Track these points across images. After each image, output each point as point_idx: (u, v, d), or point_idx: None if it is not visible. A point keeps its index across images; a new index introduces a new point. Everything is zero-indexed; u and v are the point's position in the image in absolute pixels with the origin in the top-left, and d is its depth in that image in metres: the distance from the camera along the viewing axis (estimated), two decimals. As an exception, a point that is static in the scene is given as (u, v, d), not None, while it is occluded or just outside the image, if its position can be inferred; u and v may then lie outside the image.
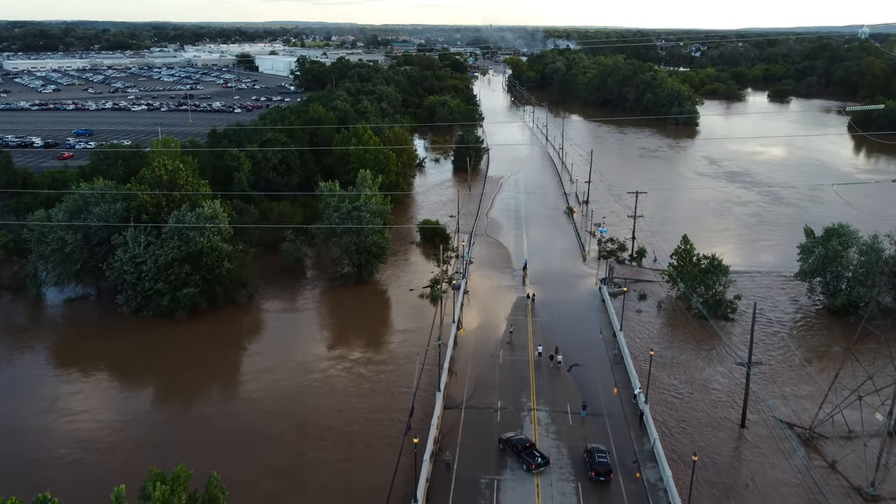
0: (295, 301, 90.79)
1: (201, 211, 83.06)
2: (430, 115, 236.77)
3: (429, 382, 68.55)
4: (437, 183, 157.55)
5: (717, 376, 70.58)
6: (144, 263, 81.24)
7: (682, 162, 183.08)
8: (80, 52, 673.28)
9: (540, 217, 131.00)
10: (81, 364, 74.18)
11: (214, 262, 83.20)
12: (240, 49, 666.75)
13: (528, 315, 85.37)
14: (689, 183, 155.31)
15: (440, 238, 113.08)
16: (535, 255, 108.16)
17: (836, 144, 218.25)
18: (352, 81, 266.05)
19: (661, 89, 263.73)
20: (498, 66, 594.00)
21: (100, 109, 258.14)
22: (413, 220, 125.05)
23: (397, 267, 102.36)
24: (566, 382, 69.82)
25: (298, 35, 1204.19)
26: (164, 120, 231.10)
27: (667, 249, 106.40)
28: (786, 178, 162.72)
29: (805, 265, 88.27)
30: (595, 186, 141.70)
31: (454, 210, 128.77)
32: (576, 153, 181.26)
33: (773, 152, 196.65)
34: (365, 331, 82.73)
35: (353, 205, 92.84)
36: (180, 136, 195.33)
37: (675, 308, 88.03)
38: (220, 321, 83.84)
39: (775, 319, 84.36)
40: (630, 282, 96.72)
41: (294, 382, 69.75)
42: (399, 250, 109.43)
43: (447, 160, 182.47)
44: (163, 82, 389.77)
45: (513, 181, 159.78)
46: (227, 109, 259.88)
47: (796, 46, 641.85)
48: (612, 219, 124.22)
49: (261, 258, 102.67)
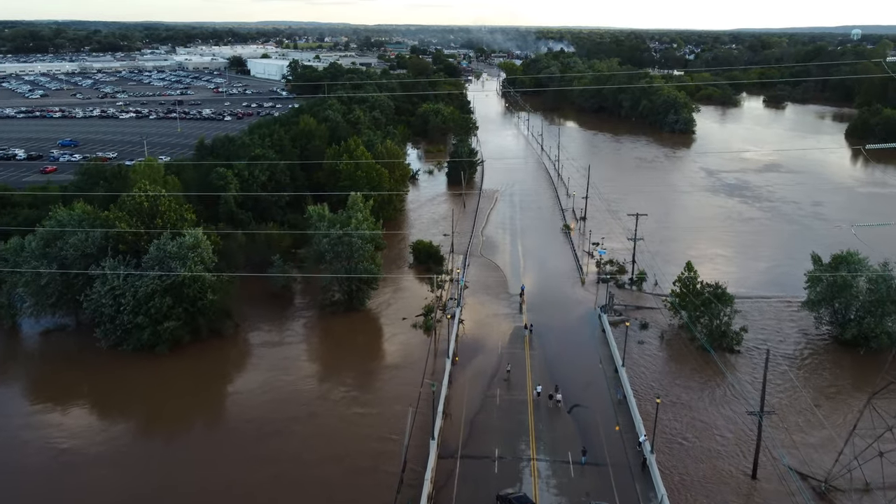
0: (282, 332, 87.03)
1: (183, 240, 79.24)
2: (423, 123, 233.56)
3: (422, 425, 64.94)
4: (430, 197, 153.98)
5: (724, 420, 67.17)
6: (123, 296, 77.44)
7: (679, 173, 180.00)
8: (70, 54, 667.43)
9: (536, 235, 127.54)
10: (56, 399, 70.59)
11: (197, 294, 79.39)
12: (232, 51, 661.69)
13: (526, 347, 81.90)
14: (687, 198, 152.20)
15: (434, 259, 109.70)
16: (531, 278, 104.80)
17: (835, 154, 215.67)
18: (344, 89, 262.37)
19: (657, 96, 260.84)
20: (492, 68, 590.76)
21: (87, 117, 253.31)
22: (406, 239, 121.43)
23: (390, 292, 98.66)
24: (566, 425, 66.37)
25: (291, 36, 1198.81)
26: (152, 129, 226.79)
27: (667, 272, 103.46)
28: (786, 191, 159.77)
29: (812, 294, 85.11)
30: (591, 201, 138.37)
31: (448, 227, 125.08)
32: (572, 165, 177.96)
33: (770, 162, 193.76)
34: (355, 366, 79.03)
35: (343, 230, 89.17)
36: (168, 146, 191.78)
37: (678, 339, 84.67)
38: (204, 355, 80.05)
39: (781, 353, 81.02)
40: (631, 309, 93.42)
41: (276, 427, 65.90)
42: (392, 272, 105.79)
43: (441, 171, 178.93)
44: (153, 87, 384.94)
45: (508, 195, 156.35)
46: (217, 117, 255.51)
47: (790, 50, 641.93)
48: (610, 236, 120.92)
49: (248, 281, 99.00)
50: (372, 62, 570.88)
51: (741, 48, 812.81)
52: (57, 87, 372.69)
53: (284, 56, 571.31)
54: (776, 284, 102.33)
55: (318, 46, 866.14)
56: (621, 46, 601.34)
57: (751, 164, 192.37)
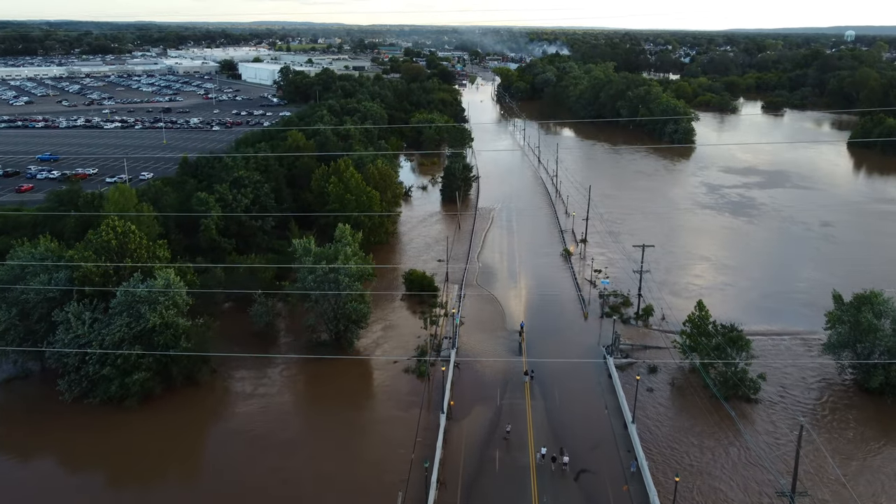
0: (263, 377, 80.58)
1: (153, 283, 72.87)
2: (417, 134, 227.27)
3: (415, 496, 58.77)
4: (424, 216, 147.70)
5: (747, 494, 61.07)
6: (89, 345, 71.07)
7: (680, 189, 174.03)
8: (59, 57, 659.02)
9: (535, 260, 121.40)
10: (15, 455, 64.58)
11: (169, 341, 73.01)
12: (224, 54, 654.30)
13: (527, 397, 75.83)
14: (691, 218, 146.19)
15: (428, 289, 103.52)
16: (531, 311, 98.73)
17: (837, 166, 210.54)
18: (336, 97, 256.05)
19: (656, 104, 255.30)
20: (486, 72, 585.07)
21: (70, 127, 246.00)
22: (398, 268, 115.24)
23: (380, 329, 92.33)
24: (572, 494, 60.32)
25: (284, 38, 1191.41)
26: (137, 140, 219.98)
27: (675, 304, 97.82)
28: (792, 209, 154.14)
29: (833, 337, 79.39)
30: (591, 221, 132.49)
31: (443, 250, 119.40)
32: (570, 180, 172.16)
33: (773, 174, 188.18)
34: (341, 420, 72.68)
35: (329, 266, 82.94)
36: (152, 161, 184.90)
37: (690, 385, 78.65)
38: (177, 407, 73.60)
39: (801, 403, 75.17)
40: (638, 349, 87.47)
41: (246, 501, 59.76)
42: (383, 305, 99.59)
43: (435, 186, 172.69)
44: (141, 92, 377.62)
45: (504, 214, 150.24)
46: (206, 127, 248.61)
47: (787, 53, 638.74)
48: (612, 261, 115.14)
49: (229, 316, 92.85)
50: (365, 65, 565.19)
51: (736, 50, 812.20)
52: (43, 92, 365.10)
53: (276, 60, 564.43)
54: (791, 317, 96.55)
55: (311, 48, 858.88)
56: (616, 50, 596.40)
57: (753, 177, 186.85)
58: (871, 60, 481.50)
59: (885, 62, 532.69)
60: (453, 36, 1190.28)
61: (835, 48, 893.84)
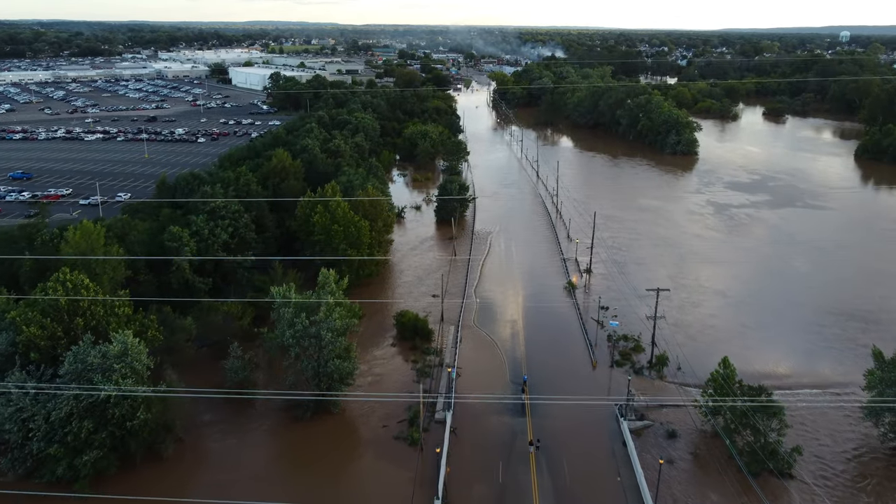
0: (234, 447, 71.71)
1: (107, 349, 63.97)
2: (411, 146, 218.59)
3: None
4: (417, 242, 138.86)
5: None
6: (33, 419, 62.22)
7: (686, 208, 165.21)
8: (48, 60, 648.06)
9: (537, 294, 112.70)
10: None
11: (126, 413, 64.18)
12: (215, 56, 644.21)
13: (532, 473, 67.27)
14: (700, 244, 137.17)
15: (421, 335, 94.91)
16: (534, 357, 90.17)
17: (848, 180, 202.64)
18: (326, 106, 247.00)
19: (657, 114, 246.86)
20: (481, 75, 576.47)
21: (50, 139, 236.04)
22: (389, 304, 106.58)
23: (367, 385, 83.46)
24: None
25: (278, 38, 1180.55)
26: (118, 154, 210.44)
27: (691, 351, 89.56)
28: (806, 232, 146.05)
29: (873, 396, 71.11)
30: (595, 247, 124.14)
31: (437, 282, 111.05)
32: (570, 198, 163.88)
33: (780, 189, 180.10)
34: (325, 498, 64.10)
35: (310, 319, 74.20)
36: (132, 178, 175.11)
37: (714, 456, 70.12)
38: (135, 487, 64.66)
39: (840, 476, 66.86)
40: (653, 407, 79.01)
41: None
42: (371, 351, 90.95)
43: (429, 206, 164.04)
44: (128, 99, 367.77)
45: (503, 239, 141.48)
46: (191, 138, 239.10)
47: (785, 57, 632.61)
48: (619, 294, 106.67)
49: (201, 367, 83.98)
50: (359, 69, 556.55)
51: (733, 52, 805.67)
52: (26, 99, 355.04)
53: (268, 63, 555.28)
54: (821, 361, 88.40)
55: (304, 50, 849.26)
56: (613, 53, 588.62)
57: (761, 194, 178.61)
58: (871, 65, 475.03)
59: (885, 65, 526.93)
60: (448, 36, 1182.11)
61: (830, 49, 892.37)
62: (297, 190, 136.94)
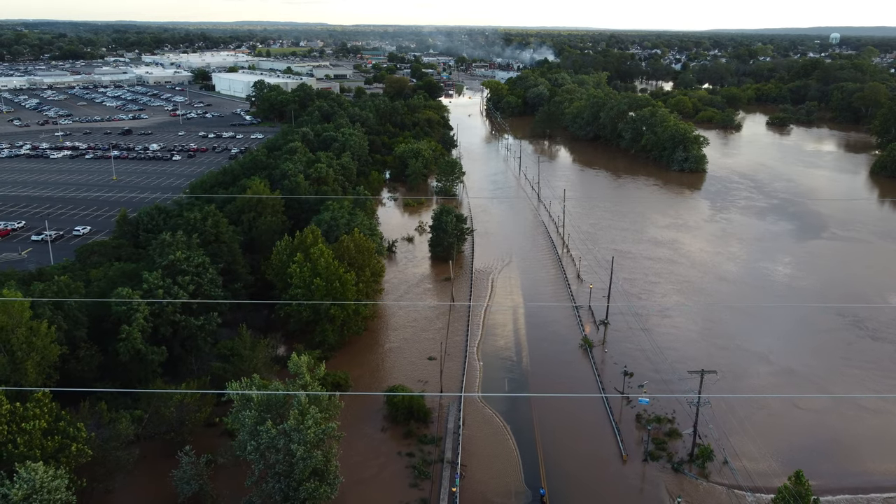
0: None
1: (7, 490, 48.65)
2: (401, 165, 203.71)
3: None
4: (411, 284, 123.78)
5: None
6: None
7: (704, 242, 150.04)
8: (26, 63, 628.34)
9: (548, 355, 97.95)
10: None
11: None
12: (200, 60, 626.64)
13: None
14: (728, 289, 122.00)
15: (416, 417, 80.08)
16: (551, 452, 75.35)
17: (868, 201, 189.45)
18: (312, 121, 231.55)
19: (663, 129, 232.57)
20: (473, 80, 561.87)
21: (12, 157, 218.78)
22: (378, 374, 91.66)
23: (354, 493, 68.34)
24: None
25: (265, 40, 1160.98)
26: (84, 174, 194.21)
27: (740, 441, 75.18)
28: (843, 274, 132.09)
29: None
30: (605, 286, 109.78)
31: (433, 339, 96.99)
32: (576, 228, 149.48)
33: (804, 217, 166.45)
34: None
35: (277, 429, 59.13)
36: (94, 206, 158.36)
37: None
38: None
39: None
40: (702, 526, 64.54)
41: None
42: (356, 440, 75.87)
43: (423, 236, 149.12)
44: (104, 108, 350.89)
45: (506, 279, 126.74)
46: (165, 156, 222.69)
47: (782, 61, 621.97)
48: (641, 352, 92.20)
49: (144, 474, 68.63)
50: (347, 73, 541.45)
51: (726, 54, 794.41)
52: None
53: (254, 69, 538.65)
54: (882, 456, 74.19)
55: (292, 53, 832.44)
56: (608, 58, 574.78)
57: (783, 223, 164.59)
58: (872, 70, 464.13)
59: (885, 70, 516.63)
60: (439, 38, 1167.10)
61: (823, 51, 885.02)
62: (274, 227, 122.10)
